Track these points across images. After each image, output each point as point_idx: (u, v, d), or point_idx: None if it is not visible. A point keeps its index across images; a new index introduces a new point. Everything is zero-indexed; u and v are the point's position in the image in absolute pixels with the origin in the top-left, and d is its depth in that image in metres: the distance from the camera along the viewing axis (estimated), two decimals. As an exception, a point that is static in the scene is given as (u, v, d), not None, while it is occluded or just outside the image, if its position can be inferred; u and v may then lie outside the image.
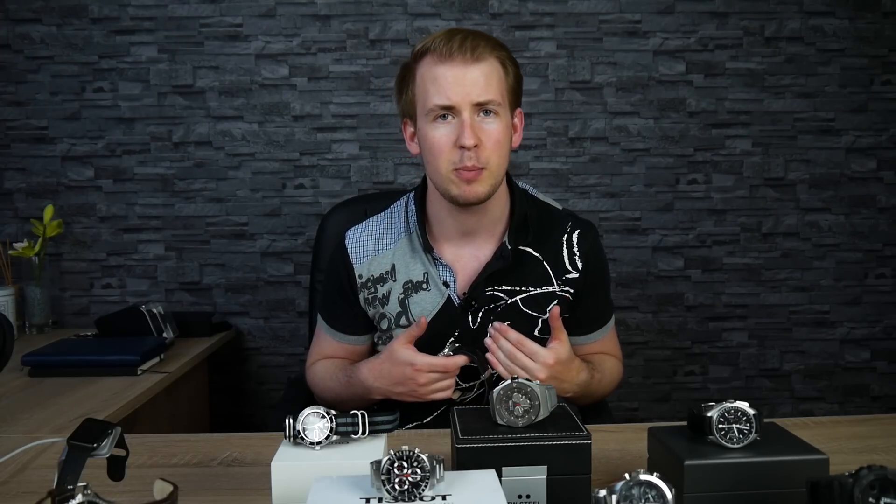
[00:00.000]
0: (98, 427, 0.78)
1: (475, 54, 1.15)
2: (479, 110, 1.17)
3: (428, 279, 1.29)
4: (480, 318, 1.27)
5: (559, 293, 1.30)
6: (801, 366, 2.37)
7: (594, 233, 1.36)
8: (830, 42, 2.27)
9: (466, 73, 1.15)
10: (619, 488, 0.65)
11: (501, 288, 1.27)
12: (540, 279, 1.29)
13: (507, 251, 1.25)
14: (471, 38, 1.16)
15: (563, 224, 1.33)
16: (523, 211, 1.29)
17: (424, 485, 0.68)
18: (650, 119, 2.28)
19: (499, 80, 1.19)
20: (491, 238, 1.29)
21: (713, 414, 0.79)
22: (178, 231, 2.28)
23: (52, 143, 2.24)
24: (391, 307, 1.31)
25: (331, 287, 1.39)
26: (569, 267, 1.31)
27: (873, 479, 0.64)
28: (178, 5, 2.21)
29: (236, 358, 2.32)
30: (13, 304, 2.04)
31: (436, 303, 1.28)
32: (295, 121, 2.26)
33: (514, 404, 0.83)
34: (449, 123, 1.17)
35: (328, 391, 1.35)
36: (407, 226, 1.32)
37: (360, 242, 1.34)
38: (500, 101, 1.18)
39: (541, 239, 1.30)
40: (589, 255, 1.32)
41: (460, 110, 1.16)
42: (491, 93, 1.17)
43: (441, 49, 1.16)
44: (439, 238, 1.30)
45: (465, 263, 1.28)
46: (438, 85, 1.16)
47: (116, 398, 1.49)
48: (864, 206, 2.33)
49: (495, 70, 1.18)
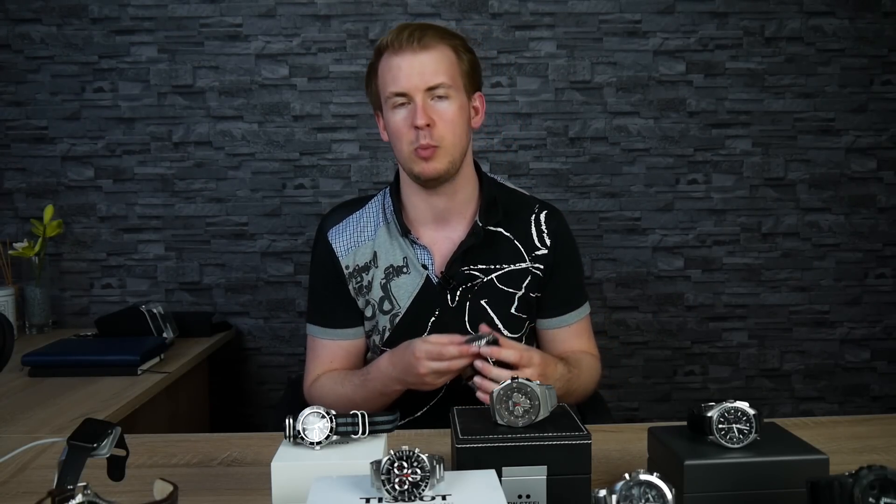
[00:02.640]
0: (98, 427, 0.78)
1: (422, 43, 1.26)
2: (432, 94, 1.26)
3: (407, 262, 1.36)
4: (458, 297, 1.34)
5: (531, 269, 1.37)
6: (801, 366, 2.37)
7: (561, 216, 1.44)
8: (830, 42, 2.27)
9: (415, 60, 1.25)
10: (619, 488, 0.65)
11: (477, 267, 1.35)
12: (512, 256, 1.37)
13: (478, 228, 1.34)
14: (418, 30, 1.26)
15: (530, 205, 1.42)
16: (492, 193, 1.38)
17: (424, 485, 0.68)
18: (650, 119, 2.28)
19: (449, 65, 1.28)
20: (463, 220, 1.37)
21: (713, 414, 0.79)
22: (178, 231, 2.28)
23: (52, 143, 2.25)
24: (374, 293, 1.37)
25: (319, 284, 1.42)
26: (538, 244, 1.38)
27: (873, 479, 0.64)
28: (178, 5, 2.21)
29: (236, 358, 2.32)
30: (13, 304, 2.04)
31: (416, 284, 1.35)
32: (295, 121, 2.26)
33: (514, 404, 0.83)
34: (405, 108, 1.27)
35: (341, 398, 1.32)
36: (384, 215, 1.40)
37: (342, 237, 1.40)
38: (451, 84, 1.27)
39: (510, 219, 1.38)
40: (557, 233, 1.40)
41: (413, 95, 1.25)
42: (440, 77, 1.26)
43: (393, 43, 1.27)
44: (415, 223, 1.37)
45: (441, 245, 1.36)
46: (393, 74, 1.27)
47: (116, 398, 1.49)
48: (864, 206, 2.33)
49: (445, 56, 1.28)
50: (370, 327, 1.39)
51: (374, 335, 1.39)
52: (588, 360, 1.39)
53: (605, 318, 2.31)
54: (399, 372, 1.24)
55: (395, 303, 1.35)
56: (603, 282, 2.31)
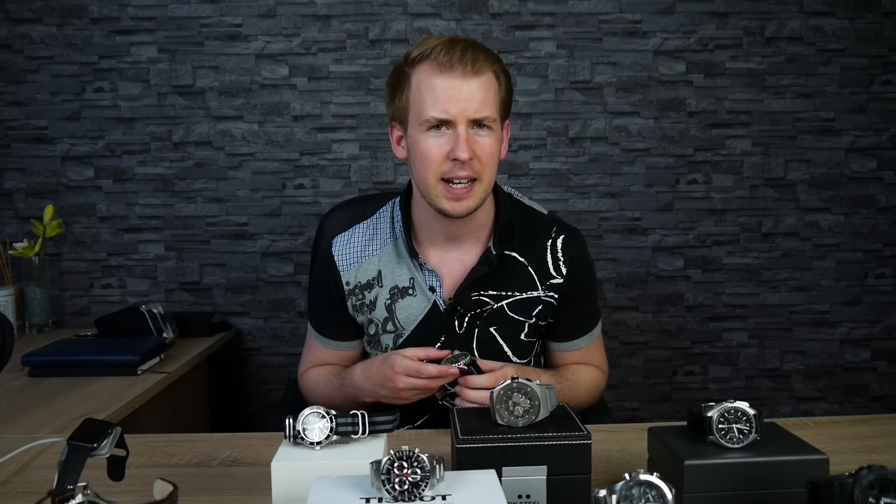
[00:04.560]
0: (98, 427, 0.78)
1: (475, 68, 1.14)
2: (474, 124, 1.16)
3: (414, 284, 1.29)
4: (467, 323, 1.28)
5: (544, 298, 1.30)
6: (801, 366, 2.37)
7: (580, 239, 1.34)
8: (830, 42, 2.27)
9: (464, 86, 1.14)
10: (619, 488, 0.65)
11: (487, 293, 1.27)
12: (525, 284, 1.29)
13: (492, 256, 1.25)
14: (471, 51, 1.15)
15: (547, 229, 1.33)
16: (508, 216, 1.29)
17: (424, 485, 0.68)
18: (650, 119, 2.28)
19: (494, 95, 1.18)
20: (476, 243, 1.29)
21: (713, 414, 0.79)
22: (178, 231, 2.28)
23: (52, 143, 2.24)
24: (378, 313, 1.31)
25: (318, 295, 1.38)
26: (553, 272, 1.30)
27: (873, 479, 0.64)
28: (178, 5, 2.21)
29: (236, 358, 2.32)
30: (13, 304, 2.04)
31: (421, 308, 1.28)
32: (295, 121, 2.26)
33: (514, 404, 0.83)
34: (443, 134, 1.16)
35: (322, 397, 1.34)
36: (392, 231, 1.32)
37: (346, 250, 1.33)
38: (496, 117, 1.18)
39: (526, 244, 1.30)
40: (574, 260, 1.31)
41: (456, 124, 1.15)
42: (487, 108, 1.16)
43: (441, 58, 1.14)
44: (424, 243, 1.30)
45: (451, 268, 1.28)
46: (436, 96, 1.15)
47: (116, 398, 1.49)
48: (864, 206, 2.33)
49: (492, 84, 1.18)
50: (373, 343, 1.34)
51: (375, 350, 1.35)
52: (588, 374, 1.35)
53: (606, 318, 2.31)
54: (372, 384, 1.22)
55: (400, 325, 1.29)
56: (603, 282, 2.31)
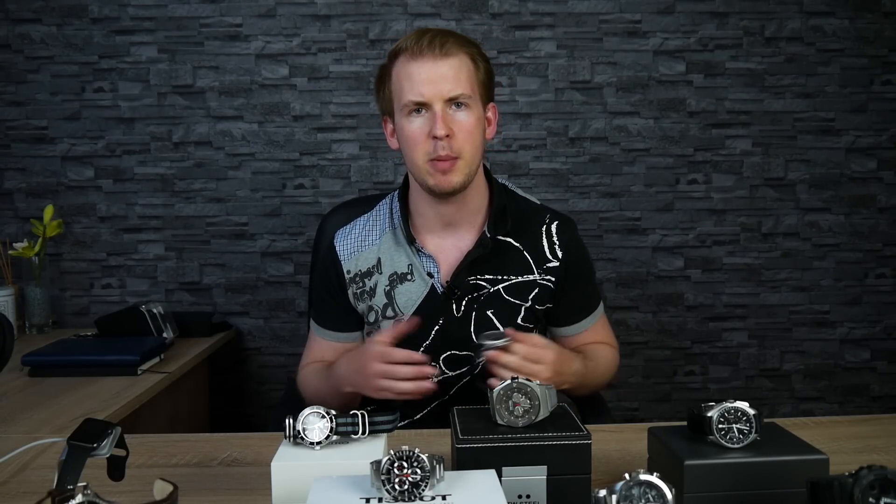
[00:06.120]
0: (98, 427, 0.78)
1: (444, 50, 1.22)
2: (451, 103, 1.22)
3: (412, 270, 1.33)
4: (464, 307, 1.32)
5: (540, 282, 1.34)
6: (801, 366, 2.37)
7: (573, 225, 1.40)
8: (830, 42, 2.27)
9: (435, 68, 1.21)
10: (619, 488, 0.65)
11: (484, 277, 1.32)
12: (521, 268, 1.34)
13: (486, 239, 1.30)
14: (439, 36, 1.23)
15: (541, 216, 1.38)
16: (502, 203, 1.34)
17: (424, 485, 0.68)
18: (650, 119, 2.28)
19: (469, 75, 1.24)
20: (472, 228, 1.34)
21: (713, 414, 0.79)
22: (178, 231, 2.28)
23: (52, 143, 2.24)
24: (378, 299, 1.35)
25: (320, 286, 1.43)
26: (549, 256, 1.35)
27: (873, 479, 0.64)
28: (178, 5, 2.21)
29: (236, 358, 2.32)
30: (13, 304, 2.04)
31: (420, 292, 1.33)
32: (295, 121, 2.26)
33: (514, 404, 0.83)
34: (422, 116, 1.23)
35: (312, 389, 1.37)
36: (391, 221, 1.38)
37: (347, 241, 1.39)
38: (471, 94, 1.24)
39: (520, 229, 1.35)
40: (569, 244, 1.36)
41: (432, 104, 1.21)
42: (461, 87, 1.22)
43: (412, 47, 1.22)
44: (422, 230, 1.35)
45: (448, 254, 1.33)
46: (413, 81, 1.22)
47: (116, 398, 1.49)
48: (864, 206, 2.33)
49: (465, 65, 1.24)
50: (373, 332, 1.37)
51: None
52: (605, 352, 1.40)
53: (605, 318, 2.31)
54: (349, 371, 1.24)
55: (399, 310, 1.33)
56: (603, 282, 2.31)
